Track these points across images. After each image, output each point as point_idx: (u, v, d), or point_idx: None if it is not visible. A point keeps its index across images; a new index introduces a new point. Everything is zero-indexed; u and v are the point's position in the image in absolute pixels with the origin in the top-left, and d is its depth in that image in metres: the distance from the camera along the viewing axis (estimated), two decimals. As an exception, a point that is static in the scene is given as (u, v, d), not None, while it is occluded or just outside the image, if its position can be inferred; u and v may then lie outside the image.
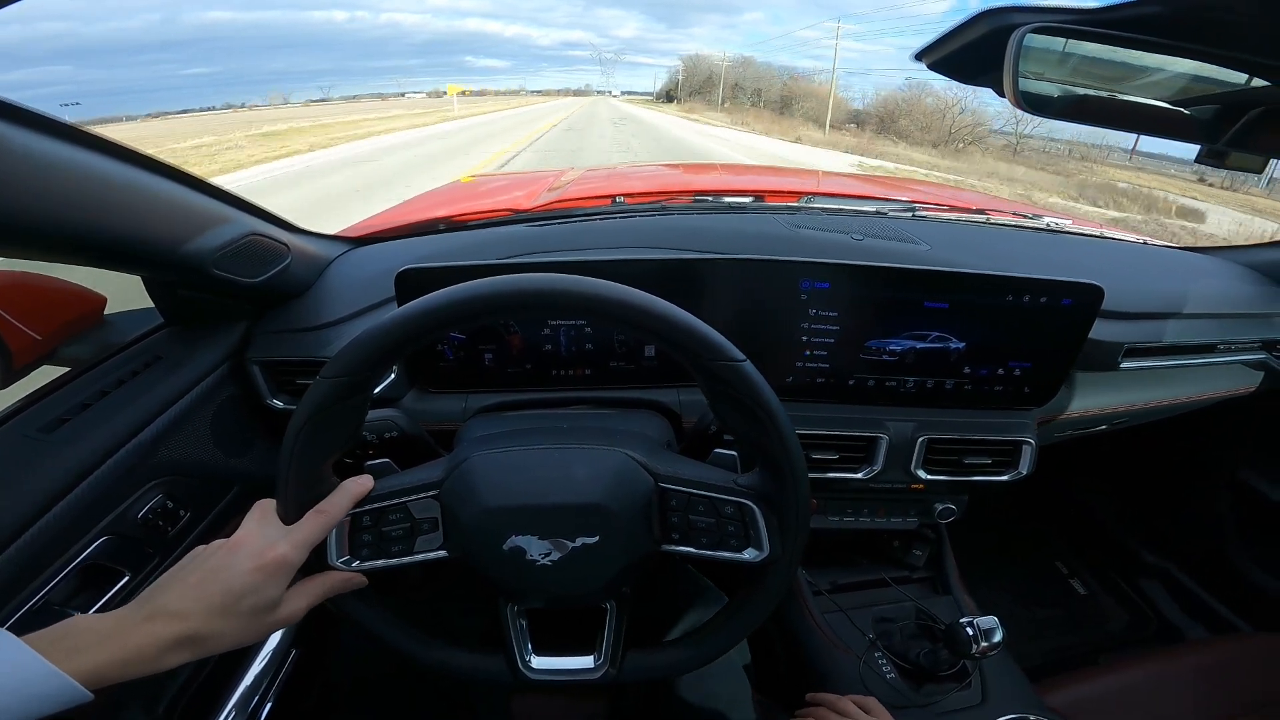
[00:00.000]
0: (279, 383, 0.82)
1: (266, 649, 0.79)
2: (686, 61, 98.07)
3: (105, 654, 0.39)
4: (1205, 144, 0.55)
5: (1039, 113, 0.57)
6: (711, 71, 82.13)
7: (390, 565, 0.52)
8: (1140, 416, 0.98)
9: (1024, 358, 0.78)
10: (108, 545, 0.62)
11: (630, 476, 0.52)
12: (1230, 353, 0.94)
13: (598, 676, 0.55)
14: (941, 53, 0.58)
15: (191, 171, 0.66)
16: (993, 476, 0.84)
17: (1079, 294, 0.73)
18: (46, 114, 0.49)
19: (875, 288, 0.74)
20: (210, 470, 0.75)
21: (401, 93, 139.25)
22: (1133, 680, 0.85)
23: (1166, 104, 0.54)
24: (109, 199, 0.55)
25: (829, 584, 0.99)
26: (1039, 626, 1.36)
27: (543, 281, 0.44)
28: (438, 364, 0.79)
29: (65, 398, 0.66)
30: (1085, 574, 1.49)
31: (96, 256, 0.59)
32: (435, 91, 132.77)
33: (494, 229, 0.99)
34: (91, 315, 0.76)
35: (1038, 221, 1.10)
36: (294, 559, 0.46)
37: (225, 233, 0.69)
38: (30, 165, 0.48)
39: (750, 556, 0.52)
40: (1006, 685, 0.82)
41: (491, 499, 0.51)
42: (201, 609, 0.43)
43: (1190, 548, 1.34)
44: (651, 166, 2.56)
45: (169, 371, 0.73)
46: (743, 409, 0.47)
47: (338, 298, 0.85)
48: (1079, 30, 0.51)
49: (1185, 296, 0.93)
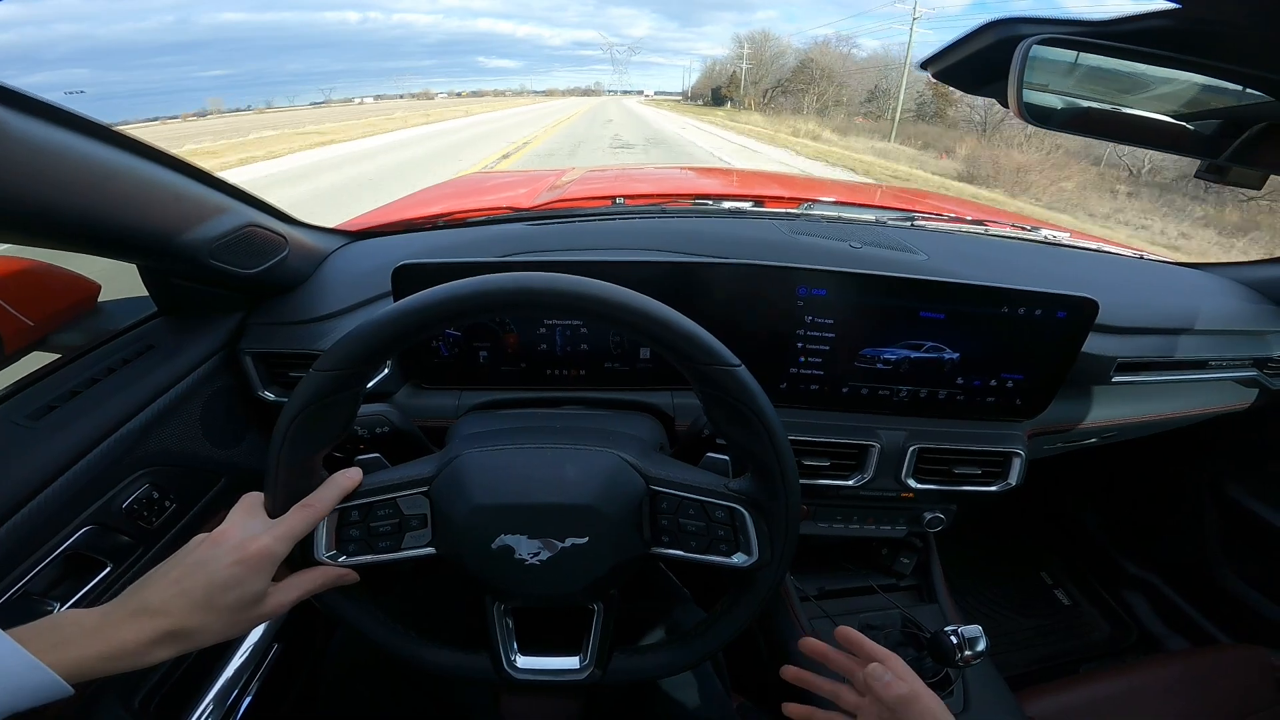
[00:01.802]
0: (271, 375, 0.82)
1: (248, 643, 0.78)
2: (751, 42, 62.31)
3: (90, 649, 0.39)
4: (1206, 159, 0.55)
5: (1042, 124, 0.57)
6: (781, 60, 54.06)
7: (377, 561, 0.52)
8: (1131, 431, 0.98)
9: (1017, 370, 0.79)
10: (91, 535, 0.61)
11: (622, 478, 0.52)
12: (1222, 369, 0.95)
13: (583, 677, 0.55)
14: (947, 62, 0.59)
15: (194, 162, 0.66)
16: (982, 487, 0.84)
17: (1074, 307, 0.74)
18: (46, 99, 0.49)
19: (872, 296, 0.74)
20: (198, 461, 0.75)
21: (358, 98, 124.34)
22: (1112, 690, 0.86)
23: (1169, 118, 0.55)
24: (107, 186, 0.55)
25: (816, 590, 0.99)
26: (1023, 636, 1.37)
27: (543, 281, 0.44)
28: (432, 360, 0.79)
29: (54, 385, 0.65)
30: (1069, 585, 1.50)
31: (92, 243, 0.58)
32: (425, 93, 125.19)
33: (492, 227, 0.99)
34: (85, 302, 0.76)
35: (1035, 234, 1.10)
36: (277, 551, 0.46)
37: (223, 223, 0.68)
38: (28, 150, 0.47)
39: (739, 561, 0.52)
40: (988, 694, 0.83)
41: (482, 497, 0.51)
42: (184, 604, 0.42)
43: (1174, 560, 1.35)
44: (653, 169, 2.55)
45: (161, 361, 0.72)
46: (736, 414, 0.47)
47: (333, 291, 0.84)
48: (1086, 43, 0.51)
49: (1179, 312, 0.93)
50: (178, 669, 0.71)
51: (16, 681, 0.36)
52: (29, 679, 0.36)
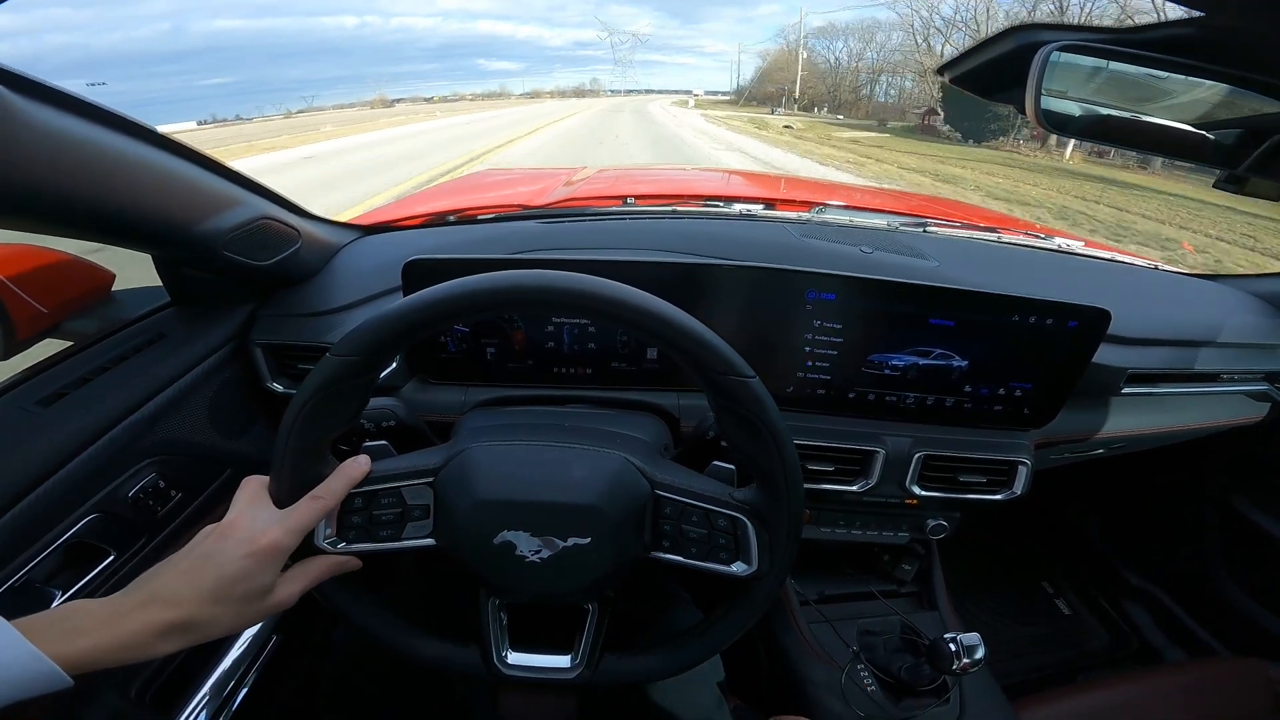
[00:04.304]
0: (280, 367, 0.82)
1: (247, 634, 0.79)
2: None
3: (100, 640, 0.39)
4: (1225, 169, 0.54)
5: (1060, 131, 0.57)
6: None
7: (376, 549, 0.52)
8: (1139, 443, 0.97)
9: (1026, 379, 0.78)
10: (95, 523, 0.61)
11: (627, 481, 0.52)
12: (1234, 382, 0.94)
13: (572, 677, 0.55)
14: (965, 67, 0.58)
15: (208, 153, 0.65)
16: (987, 495, 0.84)
17: (1085, 317, 0.73)
18: (67, 89, 0.49)
19: (881, 301, 0.74)
20: (205, 451, 0.76)
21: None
22: (1109, 700, 0.86)
23: (1188, 127, 0.54)
24: (124, 176, 0.55)
25: (816, 594, 0.99)
26: (1022, 644, 1.37)
27: (565, 280, 0.44)
28: (439, 355, 0.79)
29: (65, 372, 0.66)
30: (1071, 594, 1.50)
31: (108, 232, 0.59)
32: (380, 99, 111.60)
33: (503, 224, 0.99)
34: (99, 291, 0.76)
35: (1049, 242, 1.09)
36: (287, 545, 0.46)
37: (237, 215, 0.69)
38: (48, 140, 0.47)
39: (738, 570, 0.52)
40: (984, 702, 0.83)
41: (487, 491, 0.51)
42: (194, 596, 0.42)
43: (1176, 571, 1.34)
44: (665, 169, 2.55)
45: (172, 350, 0.73)
46: (747, 425, 0.47)
47: (344, 285, 0.85)
48: (1106, 50, 0.51)
49: (1192, 324, 0.92)
50: (175, 659, 0.71)
51: (18, 673, 0.36)
52: (27, 669, 0.36)
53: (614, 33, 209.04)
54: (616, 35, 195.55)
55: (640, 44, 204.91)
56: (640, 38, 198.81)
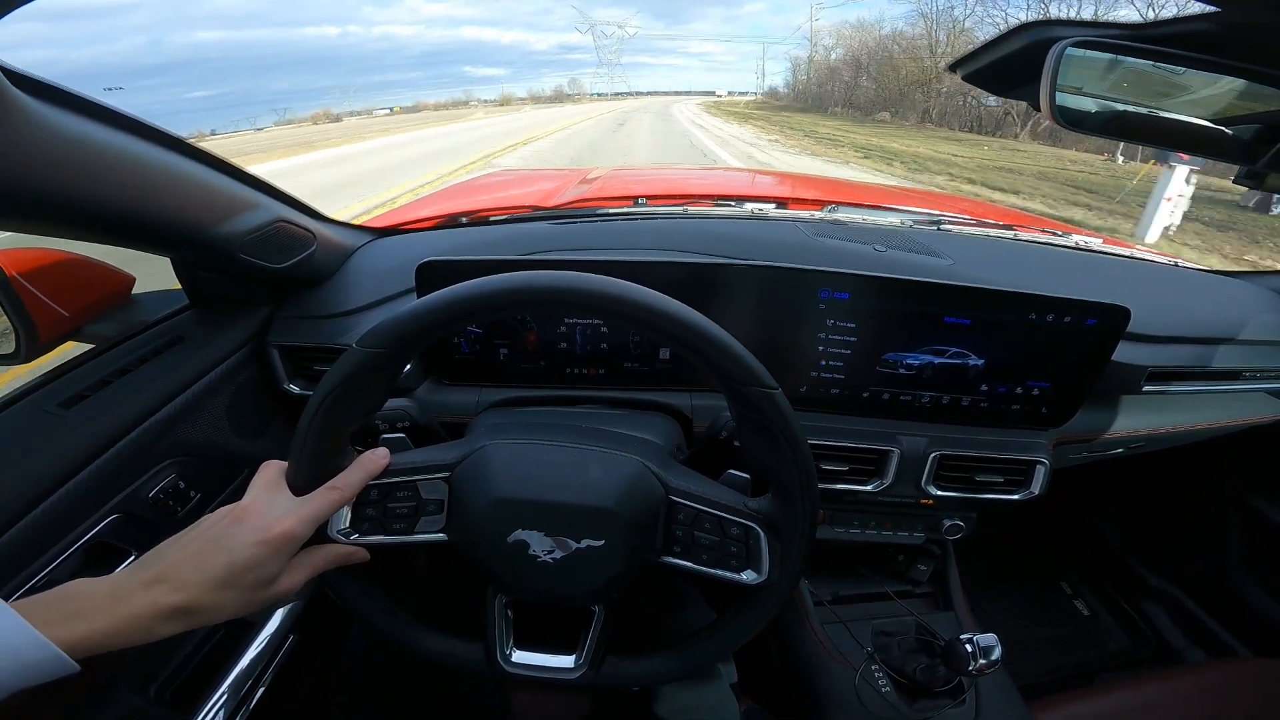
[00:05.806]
0: (297, 368, 0.83)
1: (264, 633, 0.79)
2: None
3: (101, 621, 0.38)
4: (1244, 164, 0.53)
5: (1075, 128, 0.56)
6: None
7: (389, 543, 0.52)
8: (1159, 442, 0.96)
9: (1044, 378, 0.77)
10: (116, 524, 0.62)
11: (643, 485, 0.52)
12: (1256, 380, 0.92)
13: (575, 677, 0.55)
14: (977, 64, 0.58)
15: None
16: (1004, 495, 0.83)
17: (1105, 315, 0.72)
18: (83, 94, 0.50)
19: (895, 300, 0.73)
20: (223, 452, 0.76)
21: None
22: (1127, 702, 0.85)
23: (1206, 122, 0.53)
24: (142, 180, 0.56)
25: (830, 595, 0.98)
26: (1039, 645, 1.35)
27: (588, 282, 0.44)
28: (453, 356, 0.80)
29: (87, 374, 0.67)
30: (1089, 594, 1.48)
31: (127, 236, 0.59)
32: (325, 113, 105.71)
33: (516, 225, 0.99)
34: (119, 294, 0.77)
35: (1066, 239, 1.08)
36: (301, 535, 0.45)
37: (254, 218, 0.70)
38: (66, 144, 0.48)
39: (748, 578, 0.52)
40: (1001, 703, 0.82)
41: (503, 489, 0.51)
42: (202, 579, 0.42)
43: (1196, 572, 1.32)
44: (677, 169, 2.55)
45: (191, 352, 0.74)
46: (768, 435, 0.48)
47: (359, 287, 0.85)
48: (1121, 45, 0.50)
49: (1213, 321, 0.91)
50: (194, 657, 0.72)
51: (21, 657, 0.35)
52: (33, 655, 0.35)
53: (599, 36, 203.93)
54: (602, 38, 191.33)
55: (627, 43, 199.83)
56: (627, 35, 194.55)
